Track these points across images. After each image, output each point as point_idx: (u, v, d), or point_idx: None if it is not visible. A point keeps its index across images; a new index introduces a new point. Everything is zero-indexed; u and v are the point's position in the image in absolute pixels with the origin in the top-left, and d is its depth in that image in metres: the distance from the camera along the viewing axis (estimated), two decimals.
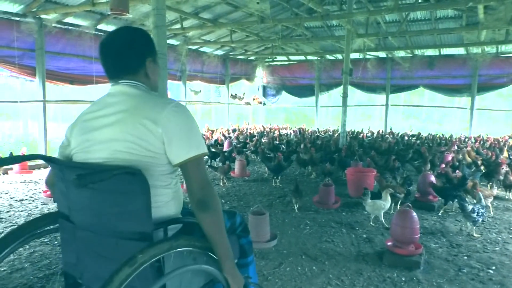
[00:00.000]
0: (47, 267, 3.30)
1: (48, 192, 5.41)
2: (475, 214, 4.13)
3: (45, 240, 3.86)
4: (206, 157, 5.17)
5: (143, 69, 1.61)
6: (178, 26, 9.51)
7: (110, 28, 9.37)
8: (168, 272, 1.40)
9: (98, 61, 1.66)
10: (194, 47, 12.56)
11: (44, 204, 5.28)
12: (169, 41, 11.26)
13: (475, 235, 4.28)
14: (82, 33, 8.66)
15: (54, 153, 1.74)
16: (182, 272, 1.43)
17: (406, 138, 11.85)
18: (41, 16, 7.79)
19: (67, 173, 1.51)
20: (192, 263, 1.54)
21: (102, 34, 9.27)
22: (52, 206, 5.16)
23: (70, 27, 8.58)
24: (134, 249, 1.34)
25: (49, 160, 1.57)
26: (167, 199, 1.56)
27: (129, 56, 1.58)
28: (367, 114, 15.74)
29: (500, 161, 6.54)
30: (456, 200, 4.77)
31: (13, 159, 1.66)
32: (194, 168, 1.48)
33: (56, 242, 3.83)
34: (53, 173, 1.73)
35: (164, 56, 3.93)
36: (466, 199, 4.53)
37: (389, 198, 4.57)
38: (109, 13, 6.22)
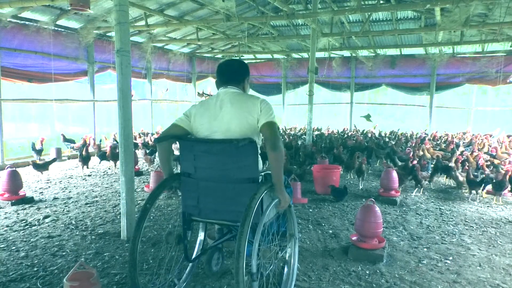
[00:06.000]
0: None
1: (6, 196, 5.25)
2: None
3: None
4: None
5: (242, 83, 2.63)
6: (142, 23, 9.29)
7: (71, 24, 9.03)
8: (266, 207, 2.38)
9: (57, 58, 1.61)
10: (159, 45, 12.34)
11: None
12: (134, 38, 11.01)
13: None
14: (40, 28, 8.28)
15: (11, 155, 1.67)
16: (271, 207, 2.39)
17: (369, 135, 12.18)
18: None
19: (196, 146, 2.48)
20: (273, 196, 2.45)
21: (63, 30, 8.93)
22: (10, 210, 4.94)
23: (27, 22, 8.19)
24: (247, 189, 2.34)
25: (181, 139, 2.53)
26: (258, 162, 2.46)
27: (237, 74, 2.61)
28: (333, 112, 16.02)
29: (456, 157, 6.86)
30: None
31: (159, 139, 2.54)
32: (271, 127, 2.38)
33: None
34: (168, 148, 2.68)
35: (128, 53, 3.83)
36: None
37: None
38: (69, 8, 5.98)
